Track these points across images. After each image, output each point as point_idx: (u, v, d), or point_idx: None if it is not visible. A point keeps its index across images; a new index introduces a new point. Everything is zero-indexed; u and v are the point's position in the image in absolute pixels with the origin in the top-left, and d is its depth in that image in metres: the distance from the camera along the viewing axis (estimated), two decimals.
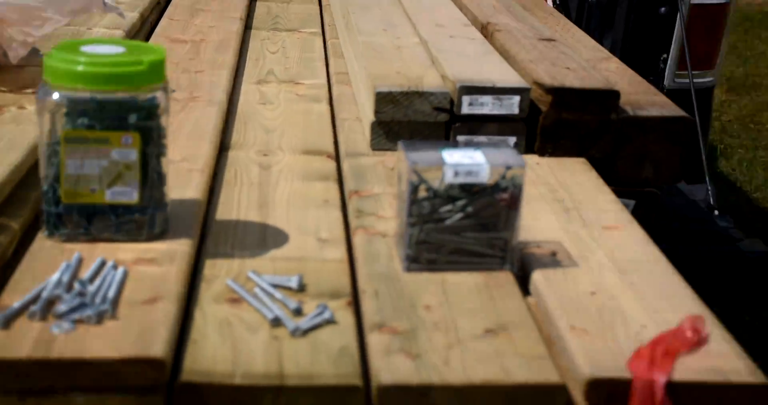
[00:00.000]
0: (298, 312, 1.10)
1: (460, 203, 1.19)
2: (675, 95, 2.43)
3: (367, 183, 1.48)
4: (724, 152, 4.93)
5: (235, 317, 1.08)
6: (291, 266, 1.22)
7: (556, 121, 1.59)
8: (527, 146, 1.63)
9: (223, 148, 1.63)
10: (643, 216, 1.63)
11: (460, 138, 1.60)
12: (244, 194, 1.44)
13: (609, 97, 1.58)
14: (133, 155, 1.14)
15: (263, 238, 1.29)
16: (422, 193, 1.19)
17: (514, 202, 1.19)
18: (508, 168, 1.19)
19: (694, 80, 2.41)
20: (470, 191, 1.19)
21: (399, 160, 1.21)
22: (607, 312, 1.11)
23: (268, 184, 1.49)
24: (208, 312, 1.09)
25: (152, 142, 1.16)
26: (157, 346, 0.96)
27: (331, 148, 1.65)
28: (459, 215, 1.19)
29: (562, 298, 1.14)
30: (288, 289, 1.16)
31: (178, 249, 1.19)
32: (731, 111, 5.58)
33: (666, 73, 2.60)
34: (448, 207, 1.19)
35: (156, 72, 1.14)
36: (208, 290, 1.14)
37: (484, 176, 1.17)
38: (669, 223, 2.07)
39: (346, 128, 1.73)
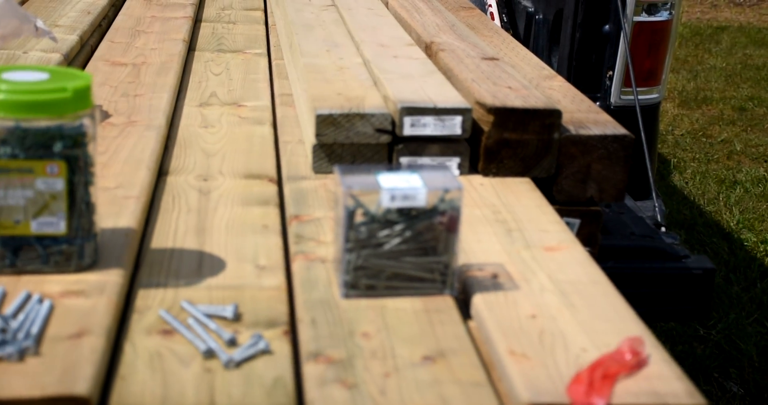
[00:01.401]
0: (232, 343, 1.07)
1: (398, 228, 1.17)
2: (621, 112, 2.45)
3: (308, 207, 1.46)
4: (677, 166, 4.97)
5: (166, 350, 1.05)
6: (227, 295, 1.19)
7: (499, 141, 1.58)
8: (471, 167, 1.62)
9: (161, 173, 1.60)
10: (589, 235, 1.62)
11: (403, 160, 1.58)
12: (182, 221, 1.41)
13: (551, 116, 1.57)
14: (60, 185, 1.11)
15: (199, 266, 1.27)
16: (359, 218, 1.17)
17: (452, 225, 1.17)
18: (446, 191, 1.17)
19: (640, 97, 2.41)
20: (408, 215, 1.17)
21: (335, 184, 1.19)
22: (547, 335, 1.09)
23: (206, 209, 1.46)
24: (139, 345, 1.06)
25: (79, 170, 1.13)
26: (82, 384, 0.93)
27: (272, 172, 1.63)
28: (397, 240, 1.17)
29: (502, 322, 1.12)
30: (223, 318, 1.13)
31: (109, 280, 1.16)
32: (683, 125, 5.63)
33: (612, 90, 2.61)
34: (386, 232, 1.17)
35: (82, 99, 1.11)
36: (140, 322, 1.11)
37: (422, 200, 1.15)
38: (615, 241, 2.07)
39: (288, 151, 1.71)
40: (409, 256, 1.17)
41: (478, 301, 1.17)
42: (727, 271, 3.80)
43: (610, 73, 2.61)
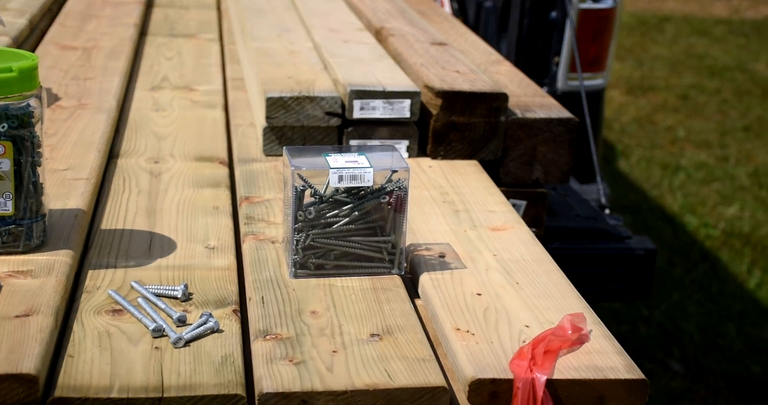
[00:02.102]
0: (181, 321, 1.08)
1: (346, 208, 1.19)
2: (568, 97, 2.48)
3: (258, 189, 1.47)
4: (623, 152, 5.04)
5: (115, 329, 1.06)
6: (177, 275, 1.20)
7: (447, 124, 1.60)
8: (420, 149, 1.64)
9: (112, 155, 1.60)
10: (535, 216, 1.65)
11: (353, 143, 1.60)
12: (132, 202, 1.42)
13: (498, 99, 1.60)
14: (6, 165, 1.11)
15: (149, 246, 1.27)
16: (308, 198, 1.19)
17: (400, 206, 1.19)
18: (393, 171, 1.19)
19: (585, 82, 2.45)
20: (356, 195, 1.19)
21: (284, 165, 1.21)
22: (491, 312, 1.12)
23: (157, 191, 1.46)
24: (87, 324, 1.07)
25: (26, 151, 1.13)
26: (29, 362, 0.93)
27: (224, 155, 1.64)
28: (345, 220, 1.19)
29: (448, 300, 1.14)
30: (173, 298, 1.14)
31: (57, 260, 1.16)
32: (629, 112, 5.71)
33: (558, 76, 2.64)
34: (334, 212, 1.19)
35: (28, 79, 1.11)
36: (89, 302, 1.12)
37: (369, 180, 1.17)
38: (561, 222, 2.11)
39: (239, 134, 1.72)
40: (357, 236, 1.19)
41: (425, 279, 1.20)
42: (670, 253, 3.88)
43: (557, 59, 2.64)
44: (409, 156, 1.62)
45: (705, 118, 5.65)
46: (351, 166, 1.17)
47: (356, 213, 1.18)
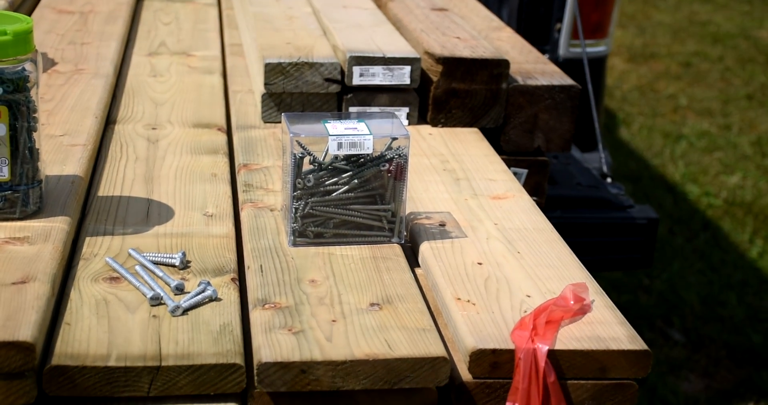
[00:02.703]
0: (179, 290, 1.07)
1: (345, 176, 1.17)
2: (569, 64, 2.46)
3: (257, 156, 1.46)
4: (624, 120, 5.01)
5: (113, 297, 1.05)
6: (175, 242, 1.19)
7: (447, 91, 1.58)
8: (420, 117, 1.62)
9: (109, 121, 1.59)
10: (536, 185, 1.64)
11: (353, 109, 1.58)
12: (130, 169, 1.40)
13: (499, 66, 1.58)
14: (1, 130, 1.10)
15: (147, 214, 1.26)
16: (307, 165, 1.17)
17: (400, 173, 1.18)
18: (393, 138, 1.17)
19: (588, 49, 2.43)
20: (356, 163, 1.17)
21: (282, 132, 1.19)
22: (492, 282, 1.11)
23: (155, 158, 1.45)
24: (85, 292, 1.06)
25: (22, 116, 1.11)
26: (25, 330, 0.92)
27: (222, 121, 1.62)
28: (345, 188, 1.17)
29: (448, 269, 1.13)
30: (171, 266, 1.13)
31: (54, 226, 1.15)
32: (631, 80, 5.67)
33: (560, 43, 2.62)
34: (334, 179, 1.17)
35: (23, 42, 1.09)
36: (86, 269, 1.11)
37: (369, 147, 1.16)
38: (562, 191, 2.09)
39: (238, 100, 1.70)
40: (356, 205, 1.18)
41: (425, 248, 1.18)
42: (671, 222, 3.86)
43: (559, 25, 2.61)
44: (409, 123, 1.60)
45: (707, 86, 5.62)
46: (350, 134, 1.15)
47: (356, 181, 1.17)
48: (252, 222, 1.24)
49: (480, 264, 1.15)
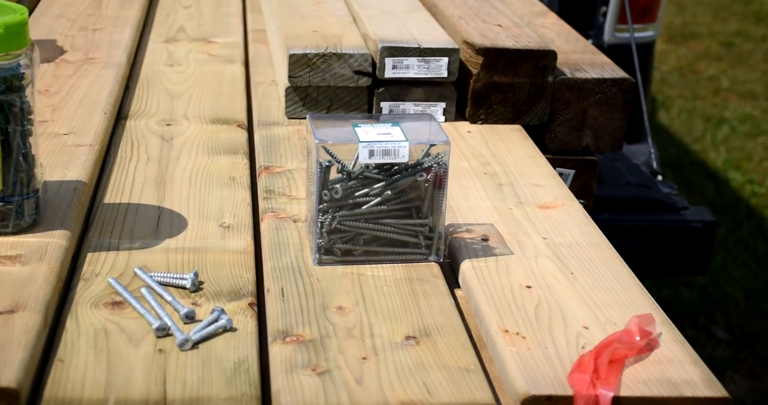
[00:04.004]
0: (189, 318, 0.95)
1: (377, 186, 1.04)
2: (615, 51, 2.30)
3: (279, 157, 1.33)
4: (663, 103, 4.84)
5: (114, 326, 0.93)
6: (187, 259, 1.07)
7: (488, 85, 1.45)
8: (458, 112, 1.49)
9: (120, 117, 1.46)
10: (583, 186, 1.50)
11: (384, 105, 1.45)
12: (140, 171, 1.28)
13: (545, 57, 1.44)
14: None
15: (157, 224, 1.14)
16: (334, 173, 1.05)
17: (439, 184, 1.05)
18: (432, 145, 1.04)
19: (635, 34, 2.28)
20: (389, 172, 1.04)
21: (307, 134, 1.06)
22: (544, 309, 0.98)
23: (168, 159, 1.33)
24: (83, 319, 0.94)
25: (15, 118, 0.99)
26: (9, 373, 0.80)
27: (243, 116, 1.49)
28: (377, 200, 1.04)
29: (493, 294, 1.00)
30: (182, 288, 1.01)
31: (51, 242, 1.03)
32: (670, 61, 5.49)
33: (606, 28, 2.46)
34: (364, 190, 1.04)
35: (16, 36, 0.97)
36: (86, 291, 0.99)
37: (404, 156, 1.03)
38: (610, 191, 1.95)
39: (260, 93, 1.57)
40: (390, 218, 1.05)
41: (467, 268, 1.05)
42: (713, 212, 3.71)
43: (604, 9, 2.46)
44: (446, 120, 1.47)
45: (750, 68, 5.42)
46: (383, 140, 1.02)
47: (389, 192, 1.04)
48: (273, 236, 1.11)
49: (529, 287, 1.02)
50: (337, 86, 1.44)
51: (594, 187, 1.50)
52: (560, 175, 1.38)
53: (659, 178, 2.05)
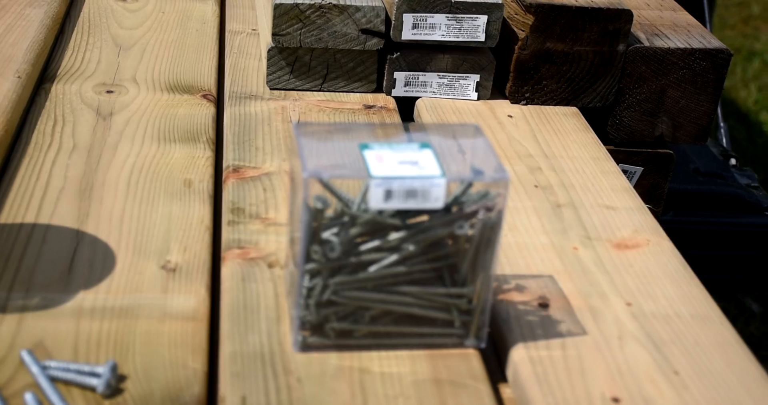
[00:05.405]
0: None
1: (394, 237, 0.69)
2: None
3: (255, 151, 0.97)
4: None
5: None
6: (106, 330, 0.72)
7: (539, 54, 1.08)
8: (496, 88, 1.12)
9: (44, 78, 1.10)
10: (651, 187, 1.15)
11: (399, 75, 1.08)
12: (59, 168, 0.92)
13: (617, 19, 1.07)
14: None
15: (70, 264, 0.79)
16: (330, 212, 0.69)
17: (488, 237, 0.69)
18: (478, 180, 0.68)
19: None
20: (410, 214, 0.69)
21: (292, 156, 0.70)
22: None
23: (103, 146, 0.97)
24: None
25: None
26: None
27: (211, 82, 1.13)
28: (392, 258, 0.69)
29: None
30: (90, 389, 0.67)
31: None
32: None
33: None
34: (374, 243, 0.69)
35: None
36: None
37: (438, 198, 0.67)
38: (676, 184, 1.58)
39: (236, 47, 1.20)
40: (408, 286, 0.70)
41: (521, 360, 0.71)
42: (744, 160, 3.36)
43: None
44: (479, 97, 1.11)
45: None
46: (407, 175, 0.66)
47: (410, 247, 0.69)
48: (237, 292, 0.76)
49: (616, 402, 0.68)
50: (337, 49, 1.07)
51: (666, 188, 1.15)
52: (624, 172, 1.03)
53: (732, 162, 1.70)
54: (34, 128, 0.98)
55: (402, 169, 0.66)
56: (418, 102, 1.10)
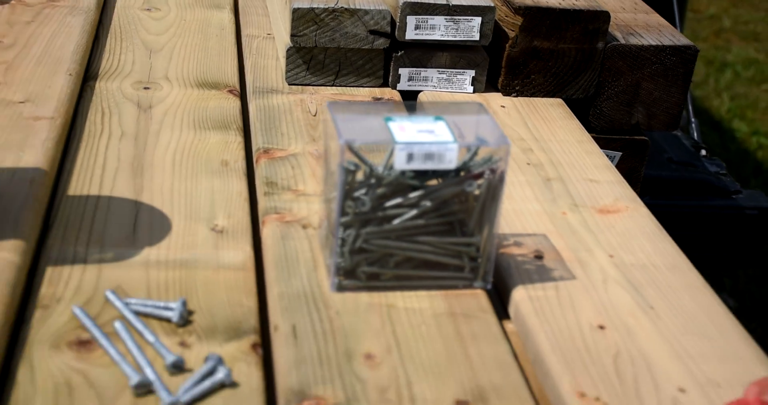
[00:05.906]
0: (177, 368, 0.74)
1: (413, 195, 0.82)
2: None
3: (281, 137, 1.11)
4: None
5: (80, 378, 0.72)
6: (172, 278, 0.85)
7: (527, 51, 1.22)
8: (488, 82, 1.27)
9: (87, 77, 1.23)
10: (629, 170, 1.29)
11: (403, 71, 1.22)
12: (113, 151, 1.05)
13: (596, 19, 1.22)
14: None
15: (134, 227, 0.92)
16: (359, 176, 0.83)
17: (492, 195, 0.83)
18: (479, 146, 0.82)
19: None
20: (426, 177, 0.83)
21: (326, 127, 0.84)
22: (626, 363, 0.78)
23: (147, 133, 1.10)
24: (40, 368, 0.72)
25: None
26: None
27: (234, 79, 1.26)
28: (412, 213, 0.83)
29: (559, 337, 0.80)
30: (166, 320, 0.80)
31: (0, 258, 0.81)
32: None
33: None
34: (397, 200, 0.83)
35: None
36: (44, 325, 0.77)
37: (451, 160, 0.81)
38: (651, 171, 1.73)
39: (254, 50, 1.34)
40: (427, 236, 0.84)
41: (521, 298, 0.85)
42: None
43: None
44: (475, 90, 1.25)
45: (753, 6, 5.19)
46: (425, 140, 0.80)
47: (428, 203, 0.82)
48: (278, 247, 0.89)
49: (602, 328, 0.82)
50: (348, 48, 1.21)
51: (642, 172, 1.30)
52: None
53: (703, 152, 1.84)
54: (86, 118, 1.12)
55: (421, 136, 0.80)
56: (420, 95, 1.24)
